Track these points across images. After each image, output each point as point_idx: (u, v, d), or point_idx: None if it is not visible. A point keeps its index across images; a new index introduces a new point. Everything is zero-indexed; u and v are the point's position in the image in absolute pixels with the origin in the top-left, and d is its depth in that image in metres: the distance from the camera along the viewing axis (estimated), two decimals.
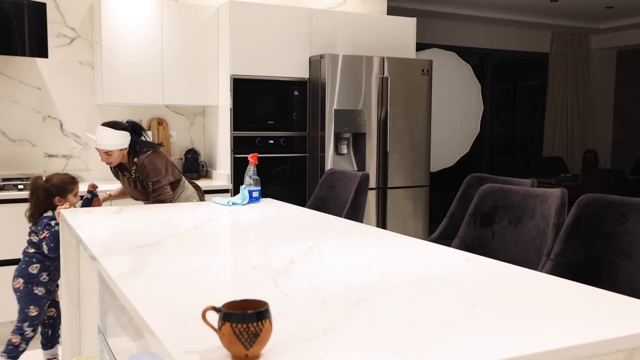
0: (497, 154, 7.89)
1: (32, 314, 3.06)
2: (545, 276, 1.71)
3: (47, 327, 3.25)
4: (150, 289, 1.55)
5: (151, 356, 1.61)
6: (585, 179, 5.99)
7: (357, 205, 3.25)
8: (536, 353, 1.13)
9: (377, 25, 4.86)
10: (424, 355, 1.12)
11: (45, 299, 3.12)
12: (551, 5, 6.74)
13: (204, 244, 2.12)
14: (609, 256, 2.07)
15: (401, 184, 4.76)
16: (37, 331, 3.14)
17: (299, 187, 4.63)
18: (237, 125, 4.37)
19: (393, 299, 1.48)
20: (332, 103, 4.45)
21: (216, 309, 1.13)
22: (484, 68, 7.52)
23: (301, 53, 4.57)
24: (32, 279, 3.05)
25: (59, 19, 4.33)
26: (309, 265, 1.82)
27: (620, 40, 7.95)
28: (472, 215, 2.69)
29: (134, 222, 2.56)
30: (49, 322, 3.24)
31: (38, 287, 3.06)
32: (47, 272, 3.08)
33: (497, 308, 1.41)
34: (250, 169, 3.20)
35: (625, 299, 1.48)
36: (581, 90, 8.05)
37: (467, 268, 1.80)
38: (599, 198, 2.13)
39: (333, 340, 1.19)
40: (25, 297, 3.06)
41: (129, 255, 1.95)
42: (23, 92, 4.26)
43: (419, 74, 4.77)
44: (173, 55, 4.38)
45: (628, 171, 7.89)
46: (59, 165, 4.38)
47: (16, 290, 3.07)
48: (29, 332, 3.06)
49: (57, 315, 3.24)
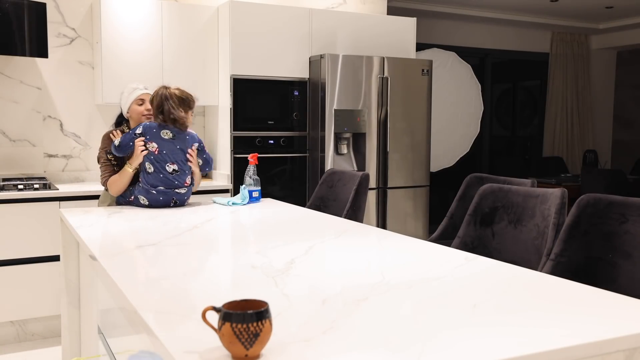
0: (497, 154, 7.89)
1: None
2: (545, 276, 1.71)
3: None
4: (150, 289, 1.55)
5: (151, 356, 1.61)
6: (585, 179, 5.99)
7: (357, 205, 3.25)
8: (536, 353, 1.13)
9: (377, 25, 4.86)
10: (425, 352, 1.12)
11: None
12: (551, 5, 6.74)
13: (204, 244, 2.12)
14: (609, 256, 2.07)
15: (401, 184, 4.76)
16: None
17: (299, 187, 4.63)
18: (237, 125, 4.37)
19: (393, 299, 1.48)
20: (332, 103, 4.45)
21: (216, 309, 1.13)
22: (484, 68, 7.52)
23: (301, 53, 4.57)
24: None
25: (59, 19, 4.33)
26: (309, 265, 1.82)
27: (620, 40, 7.95)
28: (472, 215, 2.69)
29: (134, 222, 2.56)
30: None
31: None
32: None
33: (497, 308, 1.41)
34: (250, 169, 3.20)
35: (625, 299, 1.48)
36: (581, 90, 8.04)
37: (467, 268, 1.80)
38: (599, 198, 2.13)
39: (333, 340, 1.19)
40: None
41: (129, 255, 1.95)
42: (23, 92, 4.25)
43: (419, 74, 4.77)
44: (173, 55, 4.38)
45: (628, 171, 7.89)
46: (59, 165, 4.38)
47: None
48: None
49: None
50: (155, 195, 2.96)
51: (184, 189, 3.02)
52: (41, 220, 3.76)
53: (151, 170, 2.96)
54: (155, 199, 2.97)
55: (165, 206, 3.00)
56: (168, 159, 2.97)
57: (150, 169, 2.96)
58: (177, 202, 3.02)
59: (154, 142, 2.97)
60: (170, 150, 2.98)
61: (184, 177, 3.01)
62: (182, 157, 3.02)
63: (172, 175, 2.97)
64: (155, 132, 2.98)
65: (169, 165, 2.97)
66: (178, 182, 2.99)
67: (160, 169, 2.95)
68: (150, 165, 2.96)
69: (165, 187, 2.96)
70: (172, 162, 2.98)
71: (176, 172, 2.98)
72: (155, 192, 2.96)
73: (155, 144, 2.97)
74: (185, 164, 3.03)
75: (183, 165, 3.01)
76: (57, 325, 3.91)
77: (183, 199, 3.04)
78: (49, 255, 3.80)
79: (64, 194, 3.82)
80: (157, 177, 2.95)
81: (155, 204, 2.98)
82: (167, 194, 2.97)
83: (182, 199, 3.04)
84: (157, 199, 2.97)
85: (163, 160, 2.96)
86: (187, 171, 3.04)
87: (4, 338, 3.80)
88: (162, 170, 2.96)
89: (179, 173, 2.99)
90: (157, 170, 2.96)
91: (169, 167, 2.97)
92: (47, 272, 3.80)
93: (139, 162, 2.98)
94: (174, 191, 2.99)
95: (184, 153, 3.02)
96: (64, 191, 3.83)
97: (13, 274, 3.72)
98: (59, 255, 3.74)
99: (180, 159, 3.01)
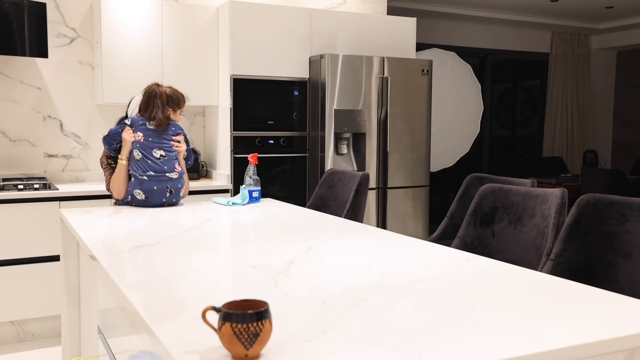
0: (497, 154, 7.89)
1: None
2: (545, 276, 1.71)
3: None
4: (150, 289, 1.55)
5: (151, 356, 1.62)
6: (585, 179, 5.99)
7: (357, 205, 3.25)
8: (536, 353, 1.13)
9: (377, 25, 4.86)
10: (425, 352, 1.12)
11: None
12: (551, 5, 6.74)
13: (204, 244, 2.12)
14: (609, 256, 2.07)
15: (401, 184, 4.76)
16: None
17: (299, 187, 4.63)
18: (237, 125, 4.37)
19: (393, 299, 1.48)
20: (332, 103, 4.45)
21: (216, 309, 1.13)
22: (484, 68, 7.52)
23: (301, 53, 4.57)
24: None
25: (59, 19, 4.33)
26: (309, 265, 1.82)
27: (620, 40, 7.95)
28: (472, 215, 2.69)
29: (134, 222, 2.56)
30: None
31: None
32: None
33: (497, 308, 1.40)
34: (250, 169, 3.20)
35: (625, 299, 1.48)
36: (581, 90, 8.04)
37: (467, 268, 1.80)
38: (599, 198, 2.13)
39: (333, 340, 1.19)
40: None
41: (129, 255, 1.95)
42: (23, 92, 4.26)
43: (419, 74, 4.77)
44: (173, 55, 4.38)
45: (628, 171, 7.89)
46: (59, 165, 4.38)
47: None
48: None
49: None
50: (148, 184, 3.05)
51: (174, 174, 3.13)
52: (41, 220, 3.76)
53: (139, 157, 3.09)
54: (149, 189, 3.05)
55: (162, 198, 3.08)
56: (154, 145, 3.11)
57: (138, 155, 3.09)
58: (172, 190, 3.10)
59: (139, 131, 3.12)
60: (155, 138, 3.13)
61: (172, 163, 3.13)
62: (168, 144, 3.15)
63: (160, 160, 3.10)
64: (141, 123, 3.15)
65: (156, 151, 3.11)
66: (167, 167, 3.11)
67: (148, 155, 3.09)
68: (138, 152, 3.10)
69: (154, 172, 3.07)
70: (159, 149, 3.12)
71: (163, 157, 3.12)
72: (147, 179, 3.05)
73: (141, 133, 3.12)
74: (172, 151, 3.15)
75: (169, 152, 3.14)
76: (57, 325, 3.91)
77: (177, 186, 3.13)
78: (49, 255, 3.80)
79: (64, 194, 3.82)
80: (146, 162, 3.08)
81: (151, 195, 3.05)
82: (159, 180, 3.07)
83: (176, 186, 3.12)
84: (151, 188, 3.05)
85: (149, 147, 3.10)
86: (174, 158, 3.16)
87: (4, 338, 3.80)
88: (150, 156, 3.09)
89: (166, 159, 3.12)
90: (144, 157, 3.09)
91: (156, 152, 3.10)
92: (47, 272, 3.80)
93: (128, 149, 3.12)
94: (165, 176, 3.09)
95: (168, 141, 3.16)
96: (64, 191, 3.83)
97: (13, 274, 3.72)
98: (59, 255, 3.74)
99: (166, 147, 3.14)
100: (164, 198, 3.08)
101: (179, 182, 3.14)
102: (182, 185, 3.16)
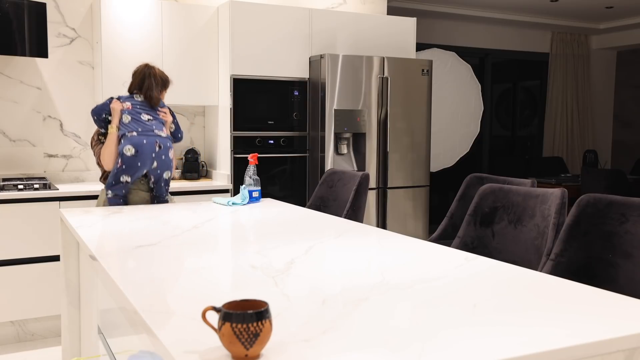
0: (497, 154, 7.89)
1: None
2: (545, 276, 1.71)
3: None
4: (150, 289, 1.55)
5: (151, 356, 1.62)
6: (585, 179, 5.99)
7: (357, 205, 3.25)
8: (536, 352, 1.13)
9: (377, 25, 4.86)
10: (425, 352, 1.12)
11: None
12: (551, 5, 6.74)
13: (204, 244, 2.12)
14: (609, 256, 2.07)
15: (401, 184, 4.76)
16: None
17: (299, 187, 4.63)
18: (237, 125, 4.37)
19: (393, 299, 1.48)
20: (332, 103, 4.45)
21: (216, 309, 1.13)
22: (484, 68, 7.52)
23: (301, 53, 4.57)
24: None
25: (59, 19, 4.33)
26: (309, 265, 1.82)
27: (620, 40, 7.95)
28: (472, 215, 2.69)
29: (134, 222, 2.56)
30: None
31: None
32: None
33: (497, 308, 1.41)
34: (250, 169, 3.20)
35: (625, 299, 1.48)
36: (581, 90, 8.04)
37: (467, 268, 1.80)
38: (599, 198, 2.13)
39: (333, 340, 1.19)
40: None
41: (129, 255, 1.95)
42: (23, 92, 4.26)
43: (419, 74, 4.77)
44: (173, 55, 4.38)
45: (628, 171, 7.89)
46: (59, 165, 4.38)
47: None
48: None
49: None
50: (137, 138, 3.17)
51: (163, 133, 3.27)
52: (41, 220, 3.76)
53: (128, 120, 3.23)
54: (139, 142, 3.16)
55: (151, 152, 3.19)
56: (142, 111, 3.27)
57: (127, 119, 3.24)
58: (161, 145, 3.22)
59: (127, 102, 3.28)
60: (142, 105, 3.29)
61: (160, 125, 3.28)
62: (154, 113, 3.30)
63: (148, 122, 3.26)
64: (128, 96, 3.32)
65: (144, 115, 3.26)
66: (156, 127, 3.24)
67: (137, 118, 3.24)
68: (127, 115, 3.25)
69: (143, 130, 3.21)
70: (147, 114, 3.27)
71: (151, 120, 3.26)
72: (136, 134, 3.17)
73: (129, 103, 3.28)
74: (158, 117, 3.30)
75: (156, 117, 3.29)
76: (57, 325, 3.91)
77: (166, 144, 3.26)
78: (49, 255, 3.80)
79: (64, 194, 3.82)
80: (135, 123, 3.22)
81: (140, 149, 3.15)
82: (149, 136, 3.20)
83: (165, 143, 3.25)
84: (140, 142, 3.16)
85: (138, 112, 3.26)
86: (162, 123, 3.31)
87: (4, 338, 3.80)
88: (139, 119, 3.24)
89: (154, 121, 3.26)
90: (133, 119, 3.24)
91: (144, 116, 3.25)
92: (47, 272, 3.80)
93: (118, 117, 3.24)
94: (154, 132, 3.23)
95: (155, 112, 3.31)
96: (64, 191, 3.83)
97: (13, 274, 3.72)
98: (59, 255, 3.74)
99: (153, 114, 3.29)
100: (154, 153, 3.19)
101: (167, 140, 3.27)
102: (170, 146, 3.30)
